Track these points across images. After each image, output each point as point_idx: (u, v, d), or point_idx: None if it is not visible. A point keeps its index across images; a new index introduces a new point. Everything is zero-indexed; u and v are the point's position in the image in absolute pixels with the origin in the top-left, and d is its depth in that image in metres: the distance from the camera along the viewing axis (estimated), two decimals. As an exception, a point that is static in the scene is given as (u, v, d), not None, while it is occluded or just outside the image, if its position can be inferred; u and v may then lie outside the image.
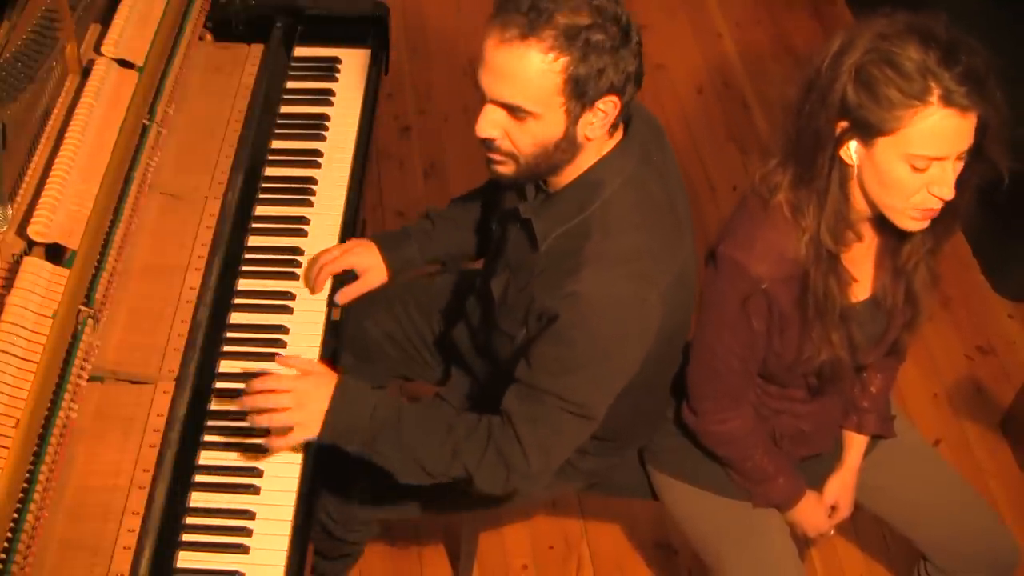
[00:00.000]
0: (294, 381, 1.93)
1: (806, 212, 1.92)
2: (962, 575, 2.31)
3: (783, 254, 1.95)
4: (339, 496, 2.27)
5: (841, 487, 2.27)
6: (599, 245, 1.87)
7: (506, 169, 1.90)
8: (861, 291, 2.04)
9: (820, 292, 1.96)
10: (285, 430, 1.93)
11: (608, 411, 1.96)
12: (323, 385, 1.93)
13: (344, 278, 2.26)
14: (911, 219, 1.90)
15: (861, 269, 2.02)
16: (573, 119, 1.82)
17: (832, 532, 2.31)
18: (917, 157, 1.82)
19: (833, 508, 2.27)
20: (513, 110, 1.82)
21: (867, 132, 1.84)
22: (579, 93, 1.79)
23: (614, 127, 1.89)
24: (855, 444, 2.26)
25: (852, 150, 1.87)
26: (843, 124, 1.85)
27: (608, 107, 1.83)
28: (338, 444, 1.95)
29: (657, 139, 2.01)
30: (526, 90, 1.79)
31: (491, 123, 1.84)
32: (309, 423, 1.92)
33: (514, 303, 1.99)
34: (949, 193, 1.85)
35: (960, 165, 1.86)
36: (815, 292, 1.96)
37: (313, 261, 2.26)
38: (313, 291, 2.22)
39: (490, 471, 1.94)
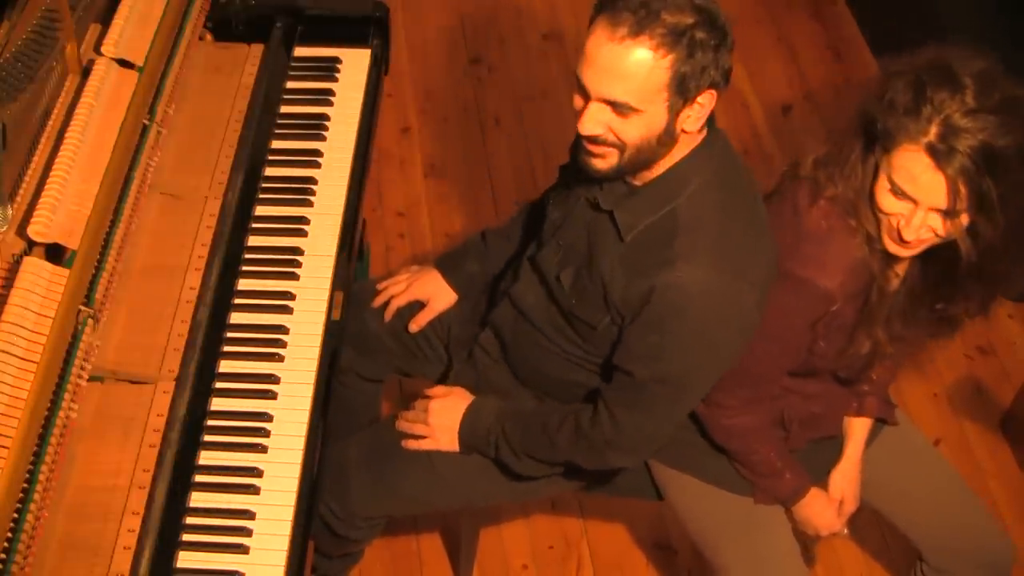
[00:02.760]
0: (427, 414, 2.21)
1: (859, 211, 1.94)
2: (956, 574, 2.31)
3: (854, 267, 1.96)
4: (342, 493, 2.28)
5: (844, 480, 2.26)
6: (689, 237, 1.91)
7: (606, 164, 1.92)
8: (896, 281, 2.06)
9: (877, 293, 1.98)
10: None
11: None
12: (453, 410, 2.20)
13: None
14: (888, 238, 1.93)
15: (900, 262, 2.03)
16: (674, 114, 1.86)
17: (846, 531, 2.30)
18: (895, 184, 1.87)
19: (840, 503, 2.27)
20: (619, 107, 1.85)
21: (882, 139, 1.88)
22: (683, 89, 1.83)
23: (704, 123, 1.93)
24: (856, 433, 2.26)
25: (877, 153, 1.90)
26: (880, 125, 1.88)
27: (707, 101, 1.87)
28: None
29: (730, 143, 2.05)
30: (634, 87, 1.82)
31: (596, 121, 1.87)
32: (447, 444, 2.21)
33: (591, 292, 2.03)
34: (907, 235, 1.89)
35: (938, 219, 1.87)
36: (875, 293, 1.98)
37: (382, 289, 2.43)
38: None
39: (587, 456, 2.10)
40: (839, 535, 2.31)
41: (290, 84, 2.57)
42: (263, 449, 2.00)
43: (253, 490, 1.95)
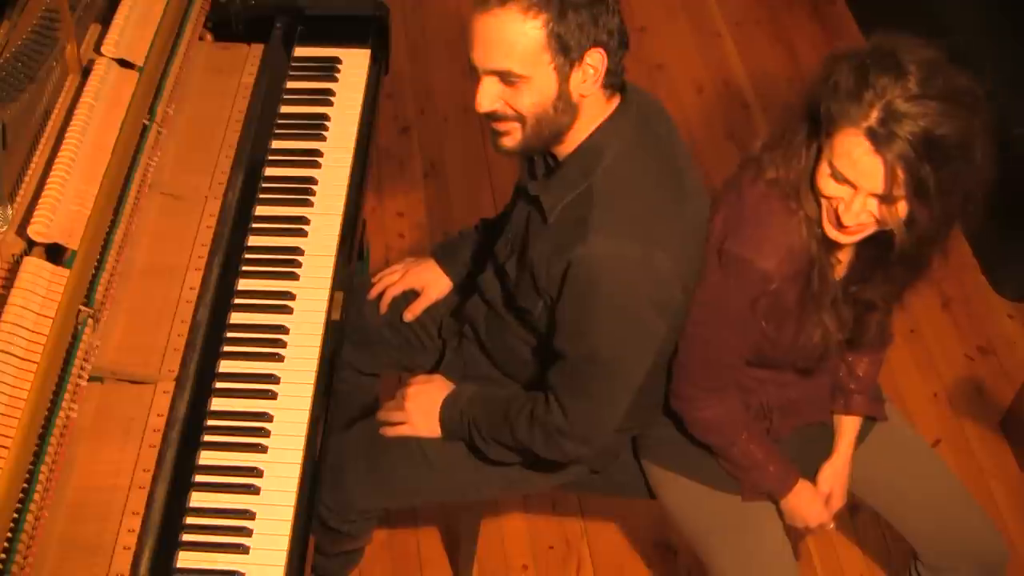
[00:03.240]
0: (404, 399, 2.23)
1: (801, 194, 1.95)
2: (950, 573, 2.31)
3: (792, 248, 1.96)
4: (336, 485, 2.28)
5: (833, 475, 2.26)
6: (603, 210, 1.92)
7: (512, 141, 1.95)
8: (839, 268, 2.07)
9: (818, 277, 1.99)
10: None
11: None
12: (430, 394, 2.22)
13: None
14: (828, 223, 1.94)
15: (841, 248, 2.04)
16: (564, 77, 1.88)
17: (832, 525, 2.30)
18: (835, 168, 1.88)
19: (828, 497, 2.27)
20: (505, 76, 1.88)
21: (824, 123, 1.88)
22: (564, 48, 1.85)
23: (609, 89, 1.94)
24: (846, 431, 2.26)
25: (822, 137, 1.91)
26: (823, 109, 1.89)
27: (596, 61, 1.88)
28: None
29: (658, 111, 2.06)
30: (512, 53, 1.86)
31: (488, 96, 1.91)
32: (429, 430, 2.22)
33: (526, 280, 2.05)
34: (845, 219, 1.89)
35: (876, 204, 1.88)
36: (816, 278, 1.98)
37: (377, 280, 2.43)
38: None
39: (544, 445, 2.10)
40: (825, 529, 2.31)
41: (290, 84, 2.57)
42: (263, 449, 2.00)
43: (253, 490, 1.95)
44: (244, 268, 2.24)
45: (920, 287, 2.11)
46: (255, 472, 1.97)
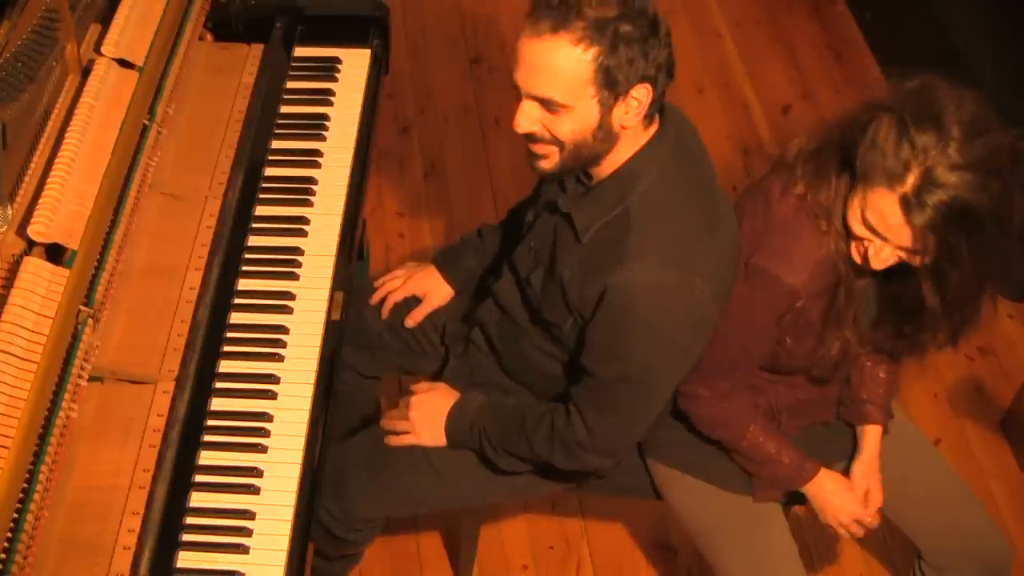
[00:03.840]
0: (408, 408, 2.22)
1: (832, 216, 1.95)
2: (954, 573, 2.31)
3: (820, 264, 1.97)
4: (340, 494, 2.28)
5: (865, 470, 2.23)
6: (640, 235, 1.91)
7: (549, 164, 1.93)
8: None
9: (844, 294, 1.98)
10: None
11: None
12: (433, 403, 2.21)
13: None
14: (856, 253, 1.95)
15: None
16: (607, 109, 1.86)
17: (876, 521, 2.24)
18: (866, 219, 1.88)
19: (866, 494, 2.24)
20: (547, 104, 1.86)
21: (859, 171, 1.88)
22: (610, 83, 1.83)
23: (648, 118, 1.92)
24: (868, 433, 2.25)
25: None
26: (859, 158, 1.88)
27: (641, 95, 1.86)
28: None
29: (692, 132, 2.05)
30: (558, 82, 1.83)
31: (528, 119, 1.89)
32: (433, 439, 2.21)
33: (554, 294, 2.04)
34: (873, 264, 1.91)
35: (905, 254, 1.89)
36: (842, 294, 1.98)
37: (379, 285, 2.43)
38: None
39: (565, 458, 2.10)
40: (870, 526, 2.25)
41: (290, 84, 2.57)
42: (263, 449, 2.00)
43: (253, 490, 1.95)
44: (244, 268, 2.24)
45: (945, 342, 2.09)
46: (255, 472, 1.97)
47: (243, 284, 2.22)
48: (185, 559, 1.87)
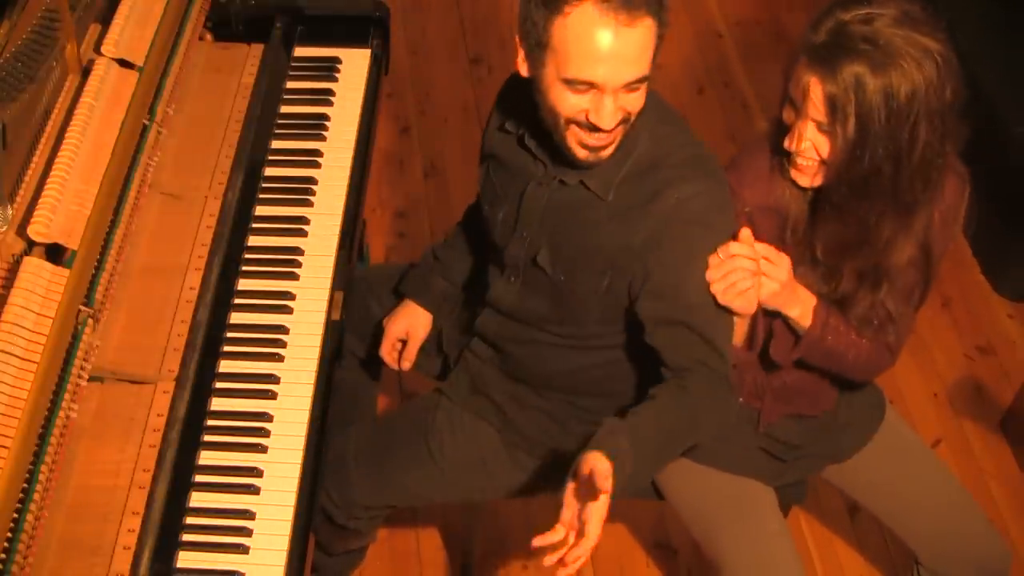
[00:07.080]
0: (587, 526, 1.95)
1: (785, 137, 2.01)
2: None
3: (771, 191, 2.03)
4: (342, 482, 2.28)
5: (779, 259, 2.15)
6: (669, 166, 1.96)
7: (611, 148, 1.93)
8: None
9: (791, 232, 2.04)
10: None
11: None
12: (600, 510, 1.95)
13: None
14: (788, 143, 1.99)
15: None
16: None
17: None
18: (788, 94, 1.99)
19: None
20: (638, 83, 1.86)
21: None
22: (660, 39, 1.87)
23: None
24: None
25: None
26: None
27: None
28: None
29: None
30: (645, 59, 1.85)
31: (619, 109, 1.87)
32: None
33: (580, 262, 2.03)
34: (798, 150, 1.95)
35: (813, 130, 1.94)
36: (789, 231, 2.04)
37: (385, 357, 2.39)
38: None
39: (725, 403, 2.02)
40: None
41: (290, 84, 2.57)
42: (263, 449, 2.00)
43: (253, 490, 1.95)
44: (244, 268, 2.24)
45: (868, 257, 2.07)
46: (255, 472, 1.97)
47: (243, 284, 2.22)
48: (185, 559, 1.87)
